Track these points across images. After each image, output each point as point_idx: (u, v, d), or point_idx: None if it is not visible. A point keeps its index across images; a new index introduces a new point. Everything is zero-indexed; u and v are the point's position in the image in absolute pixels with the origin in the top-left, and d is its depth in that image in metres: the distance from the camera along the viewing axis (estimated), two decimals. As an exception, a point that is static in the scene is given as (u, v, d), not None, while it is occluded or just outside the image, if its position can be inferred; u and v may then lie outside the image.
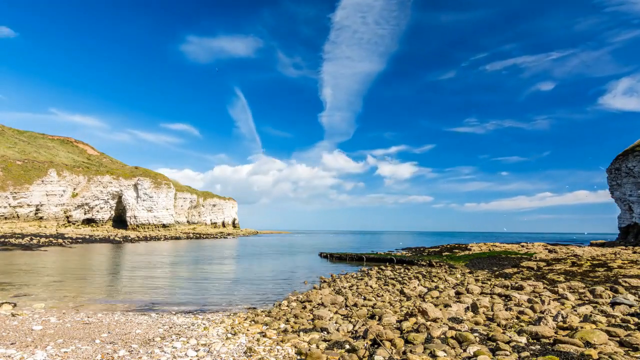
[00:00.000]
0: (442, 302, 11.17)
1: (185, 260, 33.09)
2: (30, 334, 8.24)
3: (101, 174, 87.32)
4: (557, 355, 6.25)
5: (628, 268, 19.98)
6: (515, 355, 6.40)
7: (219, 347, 7.42)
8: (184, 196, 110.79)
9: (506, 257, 31.47)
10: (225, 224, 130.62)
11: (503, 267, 24.78)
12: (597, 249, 38.75)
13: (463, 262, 28.60)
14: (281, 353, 7.17)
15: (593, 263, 23.50)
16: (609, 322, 8.57)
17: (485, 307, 10.81)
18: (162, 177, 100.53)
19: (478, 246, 47.47)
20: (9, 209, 64.51)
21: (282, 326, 9.50)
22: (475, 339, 7.27)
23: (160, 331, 8.83)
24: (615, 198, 61.37)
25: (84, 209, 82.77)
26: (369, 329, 8.06)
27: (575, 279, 17.12)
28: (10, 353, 6.74)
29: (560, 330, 7.97)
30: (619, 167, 59.48)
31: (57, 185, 74.14)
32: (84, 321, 9.76)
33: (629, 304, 10.36)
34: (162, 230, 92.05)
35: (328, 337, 8.07)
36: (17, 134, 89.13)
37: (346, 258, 35.22)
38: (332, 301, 12.64)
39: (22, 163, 71.12)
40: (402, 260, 31.55)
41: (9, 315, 10.20)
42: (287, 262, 32.49)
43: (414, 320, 9.01)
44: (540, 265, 23.65)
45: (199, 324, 9.82)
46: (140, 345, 7.60)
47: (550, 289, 13.83)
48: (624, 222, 59.72)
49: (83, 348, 7.23)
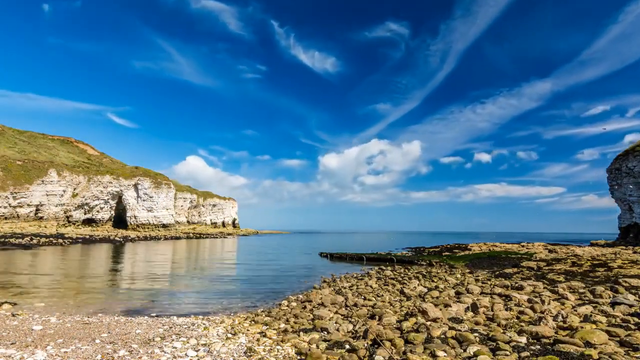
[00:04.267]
0: (442, 302, 11.16)
1: (185, 260, 33.09)
2: (30, 333, 8.24)
3: (101, 174, 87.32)
4: (557, 355, 6.24)
5: (628, 268, 19.96)
6: (516, 355, 6.39)
7: (219, 347, 7.42)
8: (184, 196, 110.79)
9: (506, 257, 31.46)
10: (225, 224, 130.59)
11: (503, 267, 24.76)
12: (597, 249, 38.75)
13: (463, 262, 28.58)
14: (281, 353, 7.16)
15: (593, 263, 23.48)
16: (609, 322, 8.56)
17: (485, 307, 10.80)
18: (162, 177, 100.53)
19: (478, 246, 47.49)
20: (9, 209, 64.50)
21: (282, 326, 9.49)
22: (475, 339, 7.27)
23: (160, 331, 8.83)
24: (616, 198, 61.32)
25: (84, 209, 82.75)
26: (369, 329, 8.06)
27: (575, 279, 17.11)
28: (10, 353, 6.74)
29: (560, 330, 7.97)
30: (619, 167, 59.44)
31: (57, 185, 74.12)
32: (84, 321, 9.75)
33: (629, 304, 10.36)
34: (162, 230, 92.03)
35: (328, 337, 8.07)
36: (17, 134, 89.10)
37: (346, 258, 35.22)
38: (332, 301, 12.63)
39: (22, 163, 71.11)
40: (402, 260, 31.55)
41: (9, 315, 10.20)
42: (287, 262, 32.48)
43: (414, 320, 9.00)
44: (541, 265, 23.64)
45: (199, 324, 9.81)
46: (140, 345, 7.60)
47: (550, 289, 13.82)
48: (624, 222, 59.69)
49: (83, 348, 7.23)
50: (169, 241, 64.27)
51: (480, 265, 27.35)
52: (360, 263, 31.88)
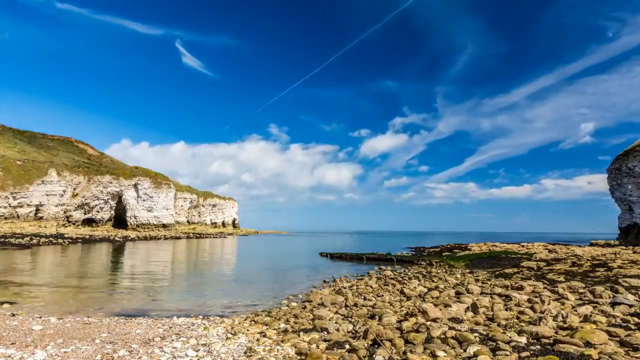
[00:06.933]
0: (442, 302, 11.16)
1: (185, 259, 33.09)
2: (30, 333, 8.24)
3: (101, 174, 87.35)
4: (557, 355, 6.24)
5: (628, 268, 19.96)
6: (516, 355, 6.39)
7: (219, 347, 7.42)
8: (184, 196, 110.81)
9: (506, 257, 31.46)
10: (225, 223, 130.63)
11: (503, 267, 24.76)
12: (597, 249, 38.75)
13: (463, 262, 28.60)
14: (281, 353, 7.16)
15: (593, 263, 23.48)
16: (609, 322, 8.56)
17: (485, 307, 10.80)
18: (162, 177, 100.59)
19: (478, 246, 47.50)
20: (9, 209, 64.49)
21: (282, 326, 9.49)
22: (475, 339, 7.27)
23: (160, 331, 8.82)
24: (616, 198, 61.34)
25: (84, 209, 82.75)
26: (369, 329, 8.06)
27: (575, 279, 17.10)
28: (10, 353, 6.74)
29: (560, 330, 7.97)
30: (619, 167, 59.44)
31: (57, 185, 74.12)
32: (84, 321, 9.75)
33: (629, 304, 10.35)
34: (162, 230, 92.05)
35: (328, 337, 8.06)
36: (17, 134, 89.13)
37: (346, 258, 35.23)
38: (332, 301, 12.63)
39: (22, 163, 71.12)
40: (402, 260, 31.56)
41: (9, 315, 10.20)
42: (287, 262, 32.49)
43: (414, 320, 9.00)
44: (541, 265, 23.64)
45: (198, 324, 9.81)
46: (140, 345, 7.59)
47: (550, 289, 13.81)
48: (624, 222, 59.70)
49: (83, 348, 7.23)
50: (169, 241, 64.26)
51: (480, 265, 27.37)
52: (360, 263, 31.89)
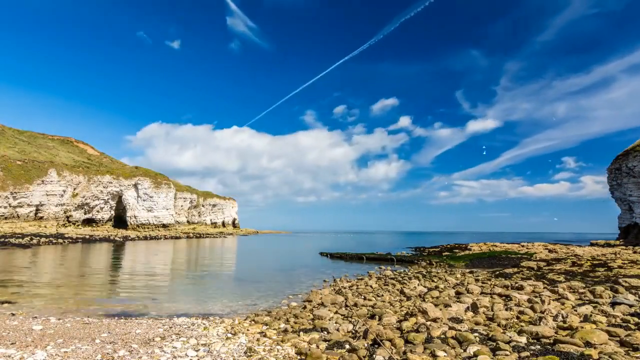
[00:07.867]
0: (442, 302, 11.16)
1: (185, 259, 33.09)
2: (30, 333, 8.23)
3: (101, 174, 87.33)
4: (557, 355, 6.24)
5: (628, 268, 19.95)
6: (516, 355, 6.39)
7: (219, 347, 7.42)
8: (184, 196, 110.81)
9: (506, 257, 31.46)
10: (225, 223, 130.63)
11: (503, 267, 24.76)
12: (597, 249, 38.75)
13: (463, 262, 28.60)
14: (281, 353, 7.16)
15: (593, 263, 23.47)
16: (609, 322, 8.56)
17: (485, 307, 10.80)
18: (162, 177, 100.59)
19: (478, 246, 47.49)
20: (9, 209, 64.48)
21: (282, 326, 9.49)
22: (475, 339, 7.27)
23: (160, 331, 8.82)
24: (616, 198, 61.34)
25: (84, 209, 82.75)
26: (369, 328, 8.06)
27: (575, 279, 17.10)
28: (10, 353, 6.73)
29: (560, 330, 7.97)
30: (619, 167, 59.45)
31: (57, 185, 74.11)
32: (84, 321, 9.75)
33: (629, 304, 10.35)
34: (162, 230, 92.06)
35: (328, 337, 8.06)
36: (17, 134, 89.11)
37: (346, 257, 35.23)
38: (332, 301, 12.63)
39: (22, 163, 71.10)
40: (402, 260, 31.56)
41: (9, 315, 10.20)
42: (287, 262, 32.50)
43: (414, 320, 9.00)
44: (541, 265, 23.63)
45: (198, 323, 9.81)
46: (140, 345, 7.59)
47: (550, 289, 13.81)
48: (624, 222, 59.71)
49: (83, 348, 7.23)
50: (169, 241, 64.26)
51: (480, 265, 27.38)
52: (361, 262, 31.89)
